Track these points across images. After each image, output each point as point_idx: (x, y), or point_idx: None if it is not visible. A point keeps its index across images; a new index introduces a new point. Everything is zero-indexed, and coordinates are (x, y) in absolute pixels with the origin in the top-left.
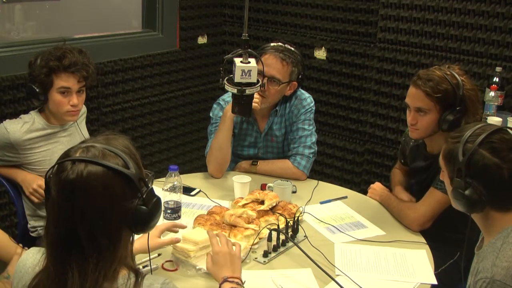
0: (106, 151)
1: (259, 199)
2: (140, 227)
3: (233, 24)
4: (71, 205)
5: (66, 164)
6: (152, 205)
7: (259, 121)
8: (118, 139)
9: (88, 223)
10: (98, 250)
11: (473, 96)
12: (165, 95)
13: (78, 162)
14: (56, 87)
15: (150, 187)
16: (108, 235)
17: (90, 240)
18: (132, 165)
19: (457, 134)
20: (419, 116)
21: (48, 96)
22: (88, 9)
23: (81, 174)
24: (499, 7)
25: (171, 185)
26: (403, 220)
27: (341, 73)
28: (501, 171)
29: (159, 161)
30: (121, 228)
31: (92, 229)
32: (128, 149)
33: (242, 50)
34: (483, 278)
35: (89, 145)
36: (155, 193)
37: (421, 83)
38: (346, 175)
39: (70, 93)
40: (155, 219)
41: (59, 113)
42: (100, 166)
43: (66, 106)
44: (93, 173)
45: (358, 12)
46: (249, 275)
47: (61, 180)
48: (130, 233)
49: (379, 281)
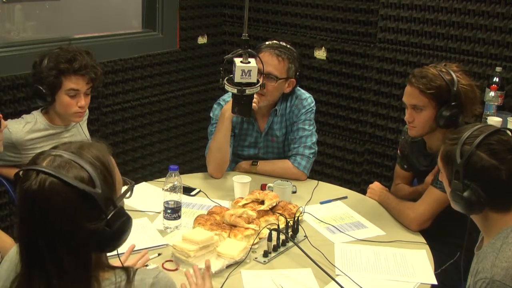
0: (73, 163)
1: (259, 199)
2: (104, 249)
3: (233, 24)
4: (31, 217)
5: (31, 173)
6: (119, 226)
7: (259, 121)
8: (92, 148)
9: (48, 239)
10: (62, 267)
11: (469, 92)
12: (165, 95)
13: (42, 173)
14: (65, 89)
15: (118, 205)
16: (72, 253)
17: (52, 256)
18: (99, 182)
19: (455, 135)
20: (416, 114)
21: (56, 97)
22: (88, 9)
23: (43, 186)
24: (499, 7)
25: (171, 185)
26: (403, 220)
27: (341, 73)
28: (499, 173)
29: (159, 161)
30: (86, 247)
31: (53, 245)
32: (99, 161)
33: (242, 50)
34: (483, 279)
35: (57, 154)
36: (124, 211)
37: (415, 81)
38: (346, 175)
39: (78, 95)
40: (121, 240)
41: (66, 114)
42: (62, 182)
43: (74, 107)
44: (55, 187)
45: (358, 12)
46: (249, 275)
47: (23, 190)
48: (100, 252)
49: (379, 281)
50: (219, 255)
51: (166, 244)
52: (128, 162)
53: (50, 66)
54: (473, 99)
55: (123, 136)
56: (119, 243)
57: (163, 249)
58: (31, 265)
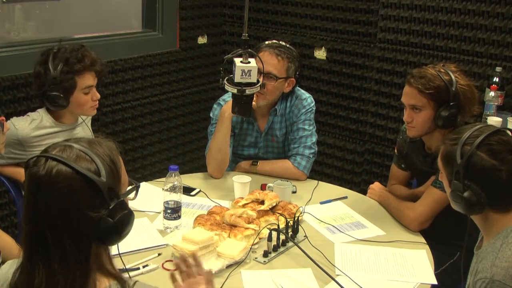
0: (82, 154)
1: (259, 199)
2: (105, 239)
3: (233, 24)
4: (37, 201)
5: (40, 159)
6: (120, 218)
7: (259, 121)
8: (101, 144)
9: (52, 223)
10: (64, 253)
11: (468, 92)
12: (165, 95)
13: (51, 160)
14: (80, 88)
15: (121, 199)
16: (73, 240)
17: (55, 241)
18: (105, 173)
19: (455, 135)
20: (414, 114)
21: (71, 98)
22: (88, 9)
23: (50, 172)
24: (499, 7)
25: (171, 185)
26: (402, 220)
27: (341, 73)
28: (500, 173)
29: (159, 161)
30: (87, 236)
31: (57, 230)
32: (108, 156)
33: (242, 50)
34: (483, 278)
35: (67, 145)
36: (127, 206)
37: (413, 81)
38: (346, 175)
39: (91, 90)
40: (122, 233)
41: (82, 111)
42: (70, 168)
43: (90, 102)
44: (61, 173)
45: (358, 12)
46: (249, 275)
47: (31, 175)
48: (101, 244)
49: (379, 281)
50: (219, 255)
51: (166, 244)
52: (128, 162)
53: (65, 70)
54: (471, 99)
55: (123, 136)
56: (120, 236)
57: (163, 249)
58: (35, 251)
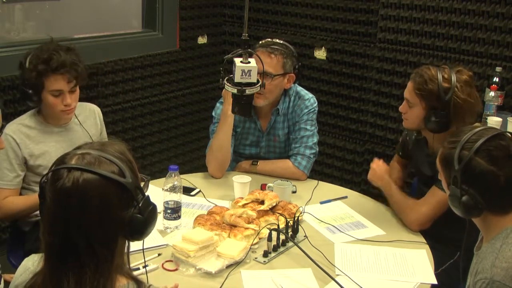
0: (102, 158)
1: (259, 199)
2: (136, 235)
3: (233, 24)
4: (67, 214)
5: (62, 172)
6: (148, 213)
7: (261, 120)
8: (114, 145)
9: (85, 232)
10: (96, 259)
11: (465, 106)
12: (165, 95)
13: (74, 170)
14: (47, 90)
15: (146, 195)
16: (105, 244)
17: (87, 249)
18: (128, 173)
19: (453, 139)
20: (408, 108)
21: (41, 97)
22: (88, 9)
23: (77, 182)
24: (499, 7)
25: (171, 185)
26: (403, 218)
27: (341, 73)
28: (498, 178)
29: (159, 161)
30: (117, 236)
31: (89, 238)
32: (124, 156)
33: (242, 50)
34: (483, 279)
35: (84, 152)
36: (151, 200)
37: (413, 76)
38: (346, 175)
39: (62, 94)
40: (151, 227)
41: (54, 114)
42: (96, 175)
43: (60, 106)
44: (89, 181)
45: (358, 12)
46: (249, 275)
47: (57, 189)
48: (125, 241)
49: (379, 281)
50: (219, 255)
51: (166, 244)
52: None
53: (30, 68)
54: (466, 111)
55: (123, 136)
56: (149, 230)
57: (163, 249)
58: (63, 260)
